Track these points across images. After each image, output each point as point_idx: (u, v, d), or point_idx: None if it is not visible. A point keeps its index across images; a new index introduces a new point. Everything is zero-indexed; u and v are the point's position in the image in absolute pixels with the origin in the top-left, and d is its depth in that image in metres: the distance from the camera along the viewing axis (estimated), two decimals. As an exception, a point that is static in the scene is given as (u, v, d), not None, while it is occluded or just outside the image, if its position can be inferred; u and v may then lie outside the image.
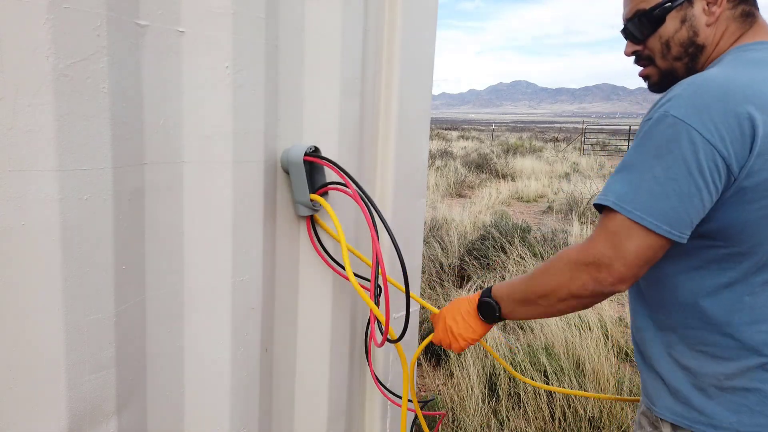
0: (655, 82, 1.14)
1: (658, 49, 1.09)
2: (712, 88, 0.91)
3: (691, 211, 0.91)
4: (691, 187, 0.89)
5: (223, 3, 1.06)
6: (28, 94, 0.84)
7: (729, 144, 0.88)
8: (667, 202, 0.89)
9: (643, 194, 0.91)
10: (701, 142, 0.88)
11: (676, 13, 1.05)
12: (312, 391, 1.43)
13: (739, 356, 0.98)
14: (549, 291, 1.02)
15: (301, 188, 1.25)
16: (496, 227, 5.87)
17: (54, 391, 0.93)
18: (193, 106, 1.08)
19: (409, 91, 1.54)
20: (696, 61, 1.07)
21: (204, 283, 1.15)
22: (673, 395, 1.05)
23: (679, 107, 0.90)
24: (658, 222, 0.90)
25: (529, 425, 2.67)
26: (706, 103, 0.89)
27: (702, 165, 0.88)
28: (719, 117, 0.88)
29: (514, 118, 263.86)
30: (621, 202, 0.92)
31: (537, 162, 16.08)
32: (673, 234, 0.91)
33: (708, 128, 0.88)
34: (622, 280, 0.94)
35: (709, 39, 1.05)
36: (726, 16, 1.03)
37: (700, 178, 0.89)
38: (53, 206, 0.88)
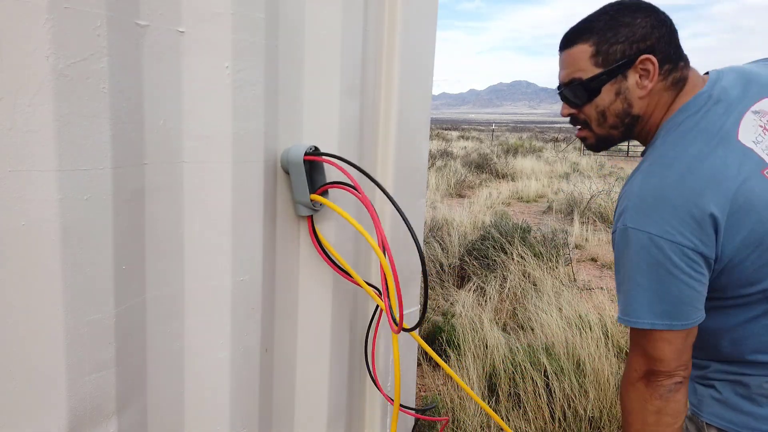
0: (592, 144, 1.18)
1: (594, 117, 1.12)
2: (651, 191, 0.98)
3: (692, 301, 0.98)
4: (679, 285, 0.96)
5: (223, 3, 1.06)
6: (28, 94, 0.84)
7: (689, 234, 0.94)
8: (665, 303, 0.97)
9: (641, 304, 0.99)
10: (665, 244, 0.95)
11: (611, 86, 1.07)
12: (312, 391, 1.43)
13: None
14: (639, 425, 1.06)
15: (301, 188, 1.25)
16: (496, 227, 5.87)
17: (54, 391, 0.93)
18: (193, 106, 1.08)
19: (409, 91, 1.54)
20: (632, 129, 1.11)
21: (204, 283, 1.15)
22: (721, 402, 1.09)
23: (632, 218, 0.98)
24: (666, 321, 0.98)
25: (529, 425, 2.67)
26: (653, 208, 0.97)
27: (676, 262, 0.95)
28: (668, 215, 0.95)
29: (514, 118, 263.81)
30: (629, 317, 1.01)
31: (537, 162, 16.08)
32: (687, 324, 0.98)
33: (664, 229, 0.95)
34: (670, 374, 1.01)
35: (643, 109, 1.08)
36: (658, 88, 1.06)
37: (681, 273, 0.96)
38: (53, 206, 0.88)
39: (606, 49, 1.05)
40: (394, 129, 1.53)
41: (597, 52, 1.06)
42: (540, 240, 5.70)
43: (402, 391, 1.74)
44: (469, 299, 4.22)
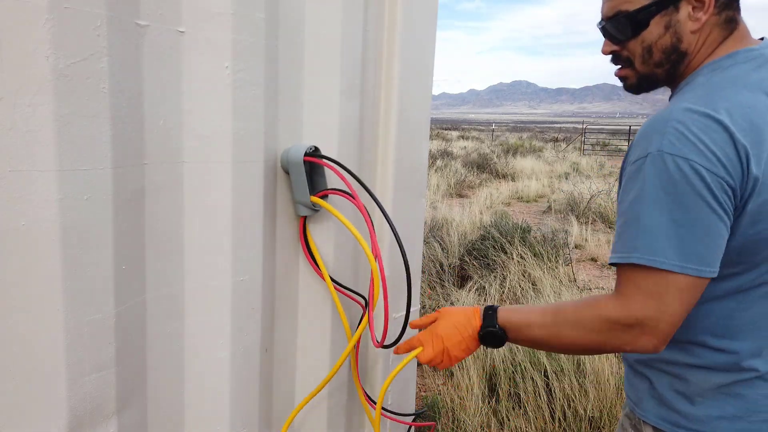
0: (632, 84, 1.10)
1: (638, 53, 1.05)
2: (695, 117, 0.89)
3: (722, 244, 0.89)
4: (717, 222, 0.87)
5: (223, 3, 1.06)
6: (28, 94, 0.84)
7: (731, 170, 0.87)
8: (701, 243, 0.86)
9: (672, 241, 0.86)
10: (708, 175, 0.85)
11: (660, 18, 1.00)
12: (312, 390, 1.43)
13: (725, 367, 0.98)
14: (577, 345, 0.98)
15: (301, 188, 1.25)
16: (496, 227, 5.87)
17: (54, 391, 0.93)
18: (193, 106, 1.08)
19: (409, 91, 1.54)
20: (677, 67, 1.04)
21: (204, 283, 1.15)
22: (656, 399, 1.06)
23: (672, 143, 0.88)
24: (699, 266, 0.87)
25: (529, 425, 2.67)
26: (696, 134, 0.87)
27: (717, 197, 0.86)
28: (714, 145, 0.86)
29: (514, 118, 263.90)
30: (651, 255, 0.87)
31: (537, 162, 16.08)
32: (714, 272, 0.88)
33: (709, 159, 0.86)
34: (664, 341, 0.91)
35: (692, 46, 1.00)
36: (711, 22, 0.99)
37: (721, 209, 0.87)
38: (53, 206, 0.88)
39: None
40: (394, 129, 1.53)
41: None
42: (540, 240, 5.70)
43: (400, 393, 1.74)
44: (469, 299, 4.22)
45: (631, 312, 0.91)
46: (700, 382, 1.00)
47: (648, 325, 0.89)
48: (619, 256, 0.92)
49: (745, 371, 0.97)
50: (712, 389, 0.99)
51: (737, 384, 0.98)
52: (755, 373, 0.97)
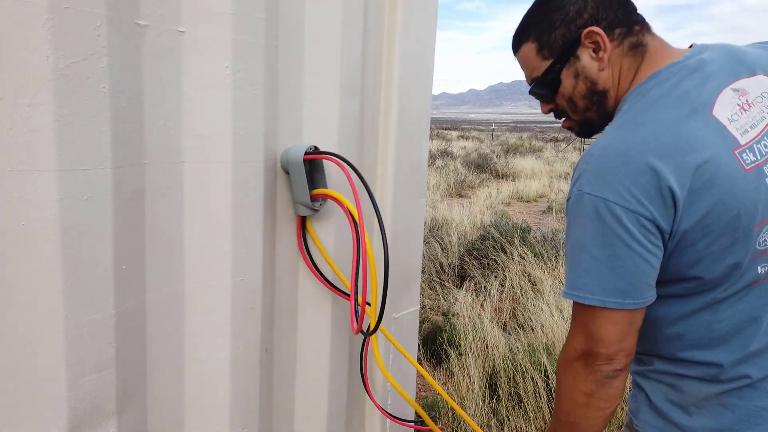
0: (578, 132, 1.16)
1: (566, 106, 1.10)
2: (612, 155, 0.91)
3: (646, 278, 0.92)
4: (635, 258, 0.90)
5: (223, 3, 1.06)
6: (28, 94, 0.84)
7: (648, 204, 0.88)
8: (620, 278, 0.90)
9: (593, 277, 0.92)
10: (622, 212, 0.88)
11: (567, 71, 1.04)
12: (312, 391, 1.43)
13: (718, 378, 0.99)
14: (569, 405, 1.01)
15: (301, 188, 1.25)
16: (496, 227, 5.87)
17: (54, 391, 0.93)
18: (192, 106, 1.08)
19: (409, 91, 1.54)
20: (604, 106, 1.06)
21: (204, 283, 1.15)
22: (653, 410, 1.06)
23: (590, 183, 0.91)
24: (618, 299, 0.91)
25: (529, 425, 2.67)
26: (612, 172, 0.90)
27: (633, 233, 0.89)
28: (629, 180, 0.88)
29: (514, 118, 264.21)
30: (576, 291, 0.93)
31: (537, 162, 16.08)
32: (638, 304, 0.92)
33: (623, 196, 0.88)
34: (610, 358, 0.94)
35: (609, 82, 1.03)
36: (615, 54, 1.02)
37: (638, 245, 0.89)
38: (53, 206, 0.88)
39: (547, 39, 1.03)
40: (394, 129, 1.53)
41: (541, 47, 1.04)
42: (540, 240, 5.70)
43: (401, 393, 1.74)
44: (468, 299, 4.22)
45: (570, 347, 0.99)
46: (694, 392, 1.00)
47: (586, 352, 0.96)
48: (564, 293, 0.99)
49: (735, 380, 0.98)
50: (707, 399, 0.99)
51: (730, 393, 0.98)
52: (747, 380, 0.97)
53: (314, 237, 1.35)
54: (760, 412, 0.97)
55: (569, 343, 0.99)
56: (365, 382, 1.51)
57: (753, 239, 0.93)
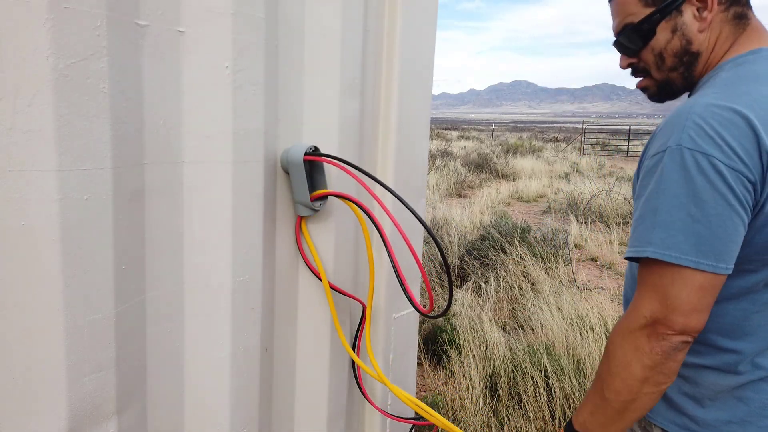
0: (654, 93, 1.10)
1: (652, 62, 1.05)
2: (716, 111, 0.87)
3: (739, 241, 0.87)
4: (735, 219, 0.85)
5: (223, 3, 1.06)
6: (28, 94, 0.84)
7: (751, 165, 0.85)
8: (717, 239, 0.85)
9: (689, 237, 0.85)
10: (726, 170, 0.84)
11: (666, 24, 1.00)
12: (312, 391, 1.43)
13: (735, 369, 0.98)
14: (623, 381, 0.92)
15: (301, 188, 1.25)
16: (495, 227, 5.87)
17: (54, 391, 0.93)
18: (193, 106, 1.08)
19: (409, 91, 1.54)
20: (692, 69, 1.03)
21: (204, 283, 1.15)
22: (666, 402, 1.05)
23: (691, 138, 0.86)
24: (715, 262, 0.85)
25: (529, 425, 2.67)
26: (716, 129, 0.86)
27: (736, 193, 0.85)
28: (734, 140, 0.85)
29: (513, 118, 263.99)
30: (665, 250, 0.86)
31: (537, 162, 16.08)
32: (729, 269, 0.87)
33: (727, 154, 0.85)
34: (684, 328, 0.87)
35: (704, 45, 1.00)
36: (718, 19, 0.99)
37: (739, 206, 0.85)
38: (53, 206, 0.88)
39: None
40: (394, 129, 1.53)
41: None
42: (540, 240, 5.70)
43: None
44: (468, 299, 4.22)
45: (639, 313, 0.90)
46: (710, 385, 0.99)
47: (657, 320, 0.88)
48: (634, 249, 0.91)
49: (752, 372, 0.97)
50: (722, 392, 0.98)
51: (745, 387, 0.97)
52: (763, 372, 0.96)
53: (307, 238, 1.34)
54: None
55: (635, 310, 0.90)
56: (359, 382, 1.51)
57: None
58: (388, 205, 1.57)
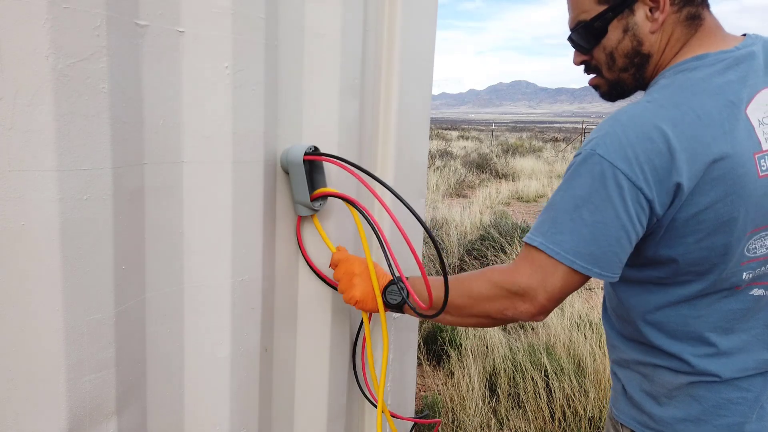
0: (605, 92, 1.10)
1: (603, 61, 1.05)
2: (638, 124, 0.89)
3: (620, 253, 0.92)
4: (619, 231, 0.89)
5: (223, 3, 1.06)
6: (28, 94, 0.84)
7: (653, 185, 0.87)
8: (596, 245, 0.90)
9: (572, 236, 0.91)
10: (626, 184, 0.87)
11: (617, 23, 0.99)
12: (312, 391, 1.43)
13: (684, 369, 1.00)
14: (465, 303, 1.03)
15: (301, 188, 1.25)
16: (495, 227, 5.88)
17: (54, 391, 0.93)
18: (192, 106, 1.08)
19: (409, 91, 1.54)
20: (643, 70, 1.02)
21: (204, 283, 1.15)
22: (629, 400, 1.08)
23: (606, 146, 0.89)
24: (588, 265, 0.91)
25: (529, 425, 2.67)
26: (631, 142, 0.87)
27: (629, 207, 0.88)
28: (644, 155, 0.87)
29: (513, 118, 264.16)
30: (550, 243, 0.93)
31: (537, 162, 16.09)
32: (604, 275, 0.92)
33: (633, 169, 0.87)
34: (542, 311, 0.96)
35: (655, 47, 0.99)
36: (671, 21, 0.97)
37: (627, 220, 0.89)
38: (53, 206, 0.88)
39: None
40: (393, 129, 1.53)
41: None
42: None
43: (401, 394, 1.74)
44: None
45: (515, 279, 0.97)
46: (663, 383, 1.01)
47: (528, 294, 0.96)
48: (528, 236, 0.97)
49: (704, 375, 0.98)
50: (677, 389, 1.00)
51: (699, 385, 0.99)
52: (715, 378, 0.98)
53: (319, 229, 1.34)
54: (727, 404, 0.98)
55: (515, 274, 0.97)
56: (357, 379, 1.51)
57: (743, 244, 0.93)
58: (388, 204, 1.57)
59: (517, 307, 0.97)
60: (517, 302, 0.97)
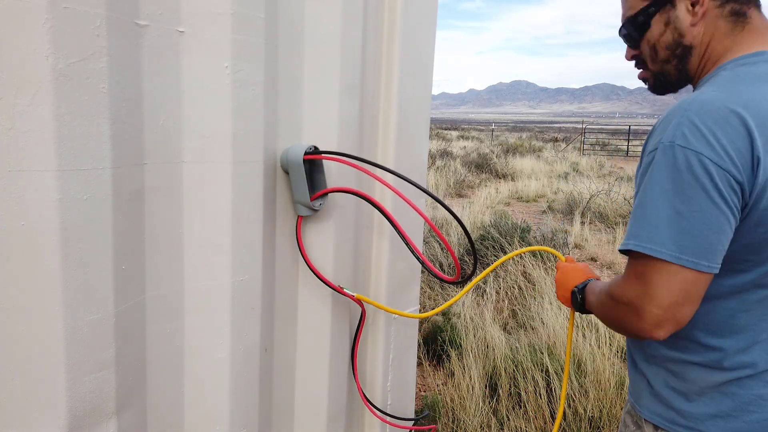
0: (652, 85, 1.14)
1: (648, 53, 1.09)
2: (712, 110, 0.88)
3: (724, 240, 0.88)
4: (719, 217, 0.86)
5: (223, 3, 1.06)
6: (28, 94, 0.84)
7: (740, 165, 0.86)
8: (701, 237, 0.86)
9: (672, 232, 0.87)
10: (714, 169, 0.85)
11: (659, 17, 1.04)
12: (312, 390, 1.43)
13: (721, 366, 0.99)
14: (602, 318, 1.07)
15: (301, 188, 1.25)
16: (495, 227, 5.87)
17: (54, 391, 0.93)
18: (192, 106, 1.08)
19: (409, 91, 1.54)
20: (685, 62, 1.05)
21: (204, 283, 1.15)
22: (654, 396, 1.07)
23: (684, 136, 0.87)
24: (695, 259, 0.86)
25: (529, 425, 2.67)
26: (709, 127, 0.87)
27: (722, 191, 0.86)
28: (726, 139, 0.86)
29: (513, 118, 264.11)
30: (649, 244, 0.88)
31: (536, 162, 16.08)
32: (712, 268, 0.88)
33: (717, 153, 0.85)
34: (658, 324, 0.89)
35: (697, 39, 1.03)
36: (712, 15, 1.01)
37: (724, 204, 0.86)
38: (53, 206, 0.88)
39: None
40: (393, 128, 1.53)
41: None
42: (539, 240, 5.70)
43: (401, 393, 1.74)
44: (469, 299, 4.22)
45: (624, 291, 0.94)
46: (696, 380, 1.01)
47: (635, 306, 0.91)
48: (624, 242, 0.94)
49: (738, 369, 0.98)
50: (709, 387, 1.00)
51: (731, 383, 0.99)
52: (750, 370, 0.98)
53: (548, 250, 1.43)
54: (758, 400, 0.98)
55: (621, 285, 0.95)
56: (356, 378, 1.51)
57: None
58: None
59: (629, 320, 0.93)
60: (629, 315, 0.93)
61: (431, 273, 1.25)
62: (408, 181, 1.15)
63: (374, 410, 1.58)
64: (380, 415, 1.59)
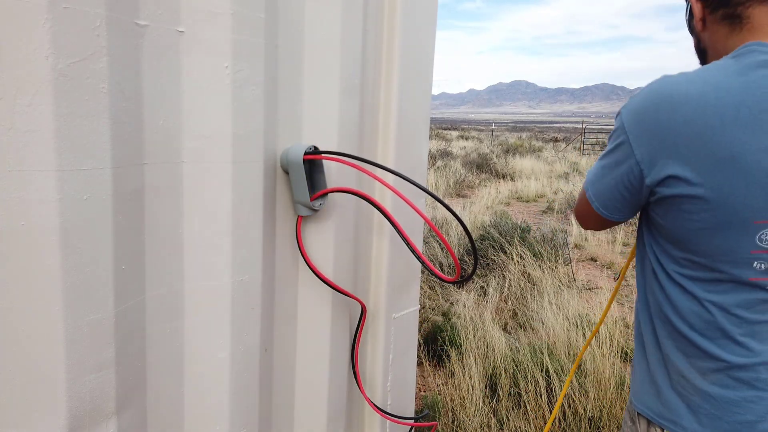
0: None
1: None
2: (657, 94, 0.97)
3: (616, 198, 1.06)
4: (612, 180, 1.04)
5: (223, 3, 1.06)
6: (28, 94, 0.84)
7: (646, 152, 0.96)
8: (600, 186, 1.08)
9: (594, 179, 1.10)
10: (625, 143, 0.99)
11: (693, 23, 1.16)
12: (312, 391, 1.43)
13: (702, 357, 1.01)
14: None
15: (301, 188, 1.25)
16: (495, 227, 5.87)
17: (54, 391, 0.93)
18: (192, 106, 1.08)
19: (409, 91, 1.54)
20: (705, 61, 1.15)
21: (204, 283, 1.15)
22: (651, 386, 1.10)
23: (628, 106, 1.02)
24: (595, 201, 1.09)
25: (529, 425, 2.67)
26: (645, 108, 0.97)
27: (620, 162, 1.01)
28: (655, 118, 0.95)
29: (513, 118, 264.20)
30: (585, 185, 1.13)
31: (536, 162, 16.08)
32: (603, 213, 1.09)
33: (635, 132, 0.97)
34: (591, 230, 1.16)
35: (707, 43, 1.13)
36: (710, 21, 1.10)
37: (618, 173, 1.02)
38: (53, 206, 0.88)
39: None
40: (393, 129, 1.53)
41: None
42: (539, 240, 5.70)
43: (401, 393, 1.74)
44: (469, 299, 4.22)
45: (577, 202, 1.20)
46: (688, 376, 1.03)
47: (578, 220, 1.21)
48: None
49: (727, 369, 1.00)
50: (698, 382, 1.02)
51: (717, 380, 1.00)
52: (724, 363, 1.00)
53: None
54: (742, 402, 1.00)
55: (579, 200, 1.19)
56: (357, 377, 1.51)
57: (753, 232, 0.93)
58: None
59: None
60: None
61: (431, 273, 1.25)
62: (408, 180, 1.15)
63: (376, 408, 1.58)
64: (382, 413, 1.59)
